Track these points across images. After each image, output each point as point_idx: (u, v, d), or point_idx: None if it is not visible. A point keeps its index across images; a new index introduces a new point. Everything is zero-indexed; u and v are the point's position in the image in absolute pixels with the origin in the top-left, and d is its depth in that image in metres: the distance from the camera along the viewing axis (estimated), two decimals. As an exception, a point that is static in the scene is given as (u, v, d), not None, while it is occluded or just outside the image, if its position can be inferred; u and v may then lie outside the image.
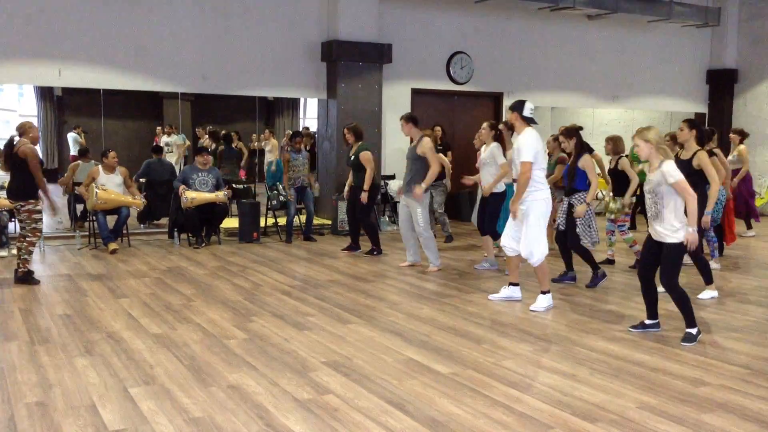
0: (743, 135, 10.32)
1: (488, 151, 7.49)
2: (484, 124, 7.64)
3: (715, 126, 14.21)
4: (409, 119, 7.90)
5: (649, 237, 5.22)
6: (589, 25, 12.93)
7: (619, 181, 7.74)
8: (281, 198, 9.99)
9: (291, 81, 10.85)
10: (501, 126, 7.65)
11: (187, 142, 13.39)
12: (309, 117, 15.61)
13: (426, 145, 7.71)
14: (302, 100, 15.71)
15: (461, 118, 12.40)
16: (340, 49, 10.59)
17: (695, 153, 6.50)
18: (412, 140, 8.09)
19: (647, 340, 5.19)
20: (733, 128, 10.89)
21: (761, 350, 4.98)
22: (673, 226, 4.99)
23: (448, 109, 12.26)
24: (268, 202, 10.25)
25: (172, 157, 12.45)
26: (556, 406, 3.89)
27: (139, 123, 14.50)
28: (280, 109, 16.18)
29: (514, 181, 6.24)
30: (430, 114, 11.82)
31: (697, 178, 6.34)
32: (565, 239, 7.11)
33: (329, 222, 10.80)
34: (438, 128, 11.54)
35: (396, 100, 11.49)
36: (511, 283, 6.48)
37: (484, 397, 4.02)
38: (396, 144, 11.35)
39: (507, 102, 12.58)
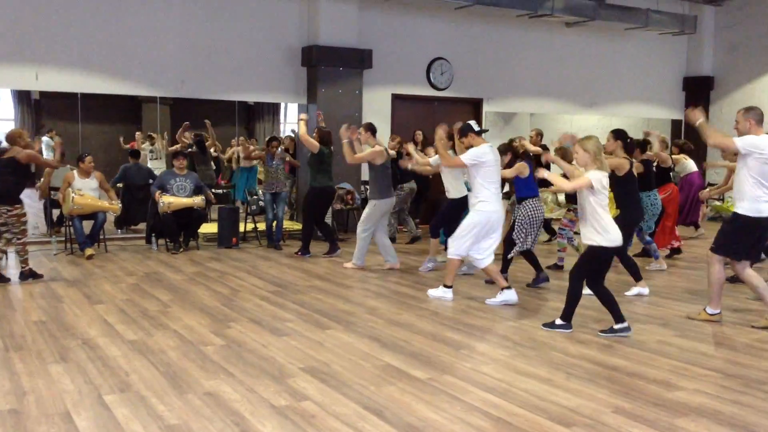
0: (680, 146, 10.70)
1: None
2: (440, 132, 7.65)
3: (691, 132, 14.40)
4: (368, 128, 8.26)
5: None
6: (568, 33, 13.05)
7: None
8: (260, 203, 9.96)
9: (271, 86, 10.84)
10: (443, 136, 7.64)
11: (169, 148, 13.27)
12: (289, 122, 15.57)
13: (366, 150, 8.05)
14: (283, 105, 15.68)
15: (441, 124, 12.41)
16: (320, 55, 10.60)
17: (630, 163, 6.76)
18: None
19: (623, 345, 5.23)
20: (674, 140, 11.18)
21: (732, 354, 5.04)
22: (593, 230, 5.25)
23: (429, 115, 12.29)
24: (246, 208, 10.22)
25: (158, 164, 12.34)
26: (533, 411, 3.91)
27: (117, 127, 14.37)
28: (261, 113, 16.12)
29: (469, 190, 6.63)
30: (410, 119, 11.87)
31: (631, 186, 6.73)
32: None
33: (298, 227, 10.75)
34: (419, 132, 11.60)
35: (376, 105, 11.51)
36: (503, 288, 6.52)
37: (462, 403, 4.04)
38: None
39: (487, 108, 12.69)
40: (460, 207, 7.55)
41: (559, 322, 5.56)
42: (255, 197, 10.37)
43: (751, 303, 6.60)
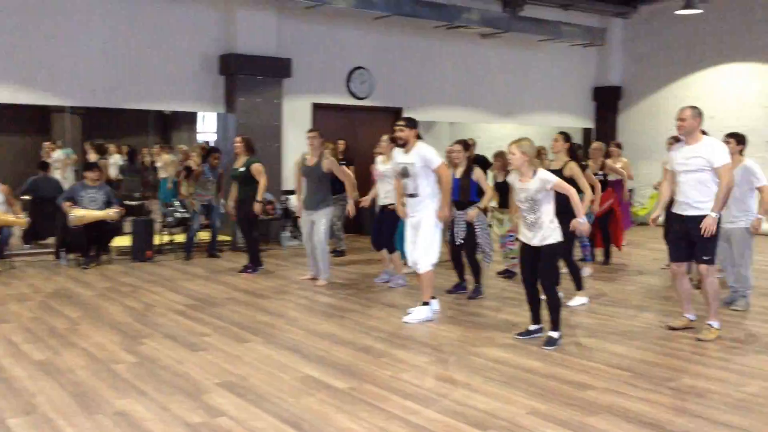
0: (621, 147, 11.06)
1: (391, 164, 7.51)
2: (384, 137, 7.71)
3: (601, 140, 14.94)
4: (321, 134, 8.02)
5: (526, 246, 5.43)
6: (484, 44, 13.35)
7: (505, 194, 7.99)
8: (177, 215, 9.72)
9: (187, 94, 10.61)
10: (385, 140, 7.68)
11: (73, 157, 12.79)
12: (207, 131, 15.30)
13: (331, 159, 7.85)
14: (200, 114, 15.39)
15: (362, 133, 12.46)
16: (238, 63, 10.46)
17: (566, 163, 6.68)
18: (309, 157, 7.98)
19: (539, 347, 5.35)
20: (614, 142, 11.48)
21: (642, 353, 5.24)
22: (549, 228, 5.26)
23: (349, 124, 12.31)
24: (163, 219, 9.95)
25: (57, 173, 11.88)
26: (451, 416, 3.95)
27: (25, 138, 13.78)
28: (177, 123, 15.77)
29: (411, 195, 6.28)
30: (330, 128, 11.80)
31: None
32: (459, 252, 7.24)
33: (229, 239, 10.59)
34: (342, 142, 11.58)
35: (296, 114, 11.43)
36: (423, 302, 6.29)
37: (381, 411, 4.03)
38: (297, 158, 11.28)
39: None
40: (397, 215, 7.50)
41: (555, 335, 5.39)
42: (171, 209, 10.10)
43: (662, 303, 6.90)
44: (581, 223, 5.36)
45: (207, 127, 15.14)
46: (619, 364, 4.96)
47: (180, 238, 10.09)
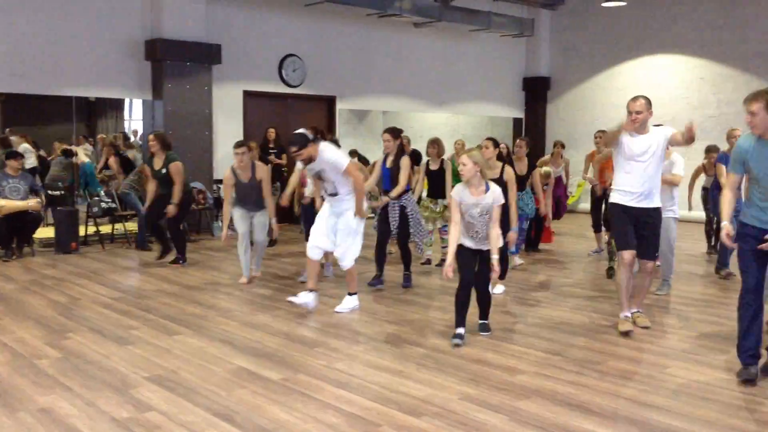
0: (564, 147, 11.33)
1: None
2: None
3: (530, 130, 15.31)
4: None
5: (467, 250, 5.22)
6: (416, 33, 13.40)
7: (438, 182, 8.07)
8: (103, 205, 9.43)
9: (112, 80, 10.26)
10: None
11: None
12: (134, 119, 14.85)
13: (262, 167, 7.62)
14: (127, 101, 14.91)
15: (295, 121, 12.32)
16: (165, 48, 10.19)
17: (502, 168, 6.66)
18: (240, 173, 7.69)
19: (470, 334, 5.42)
20: (556, 141, 11.76)
21: (570, 338, 5.39)
22: (492, 238, 5.21)
23: (282, 112, 12.18)
24: (88, 209, 9.63)
25: None
26: (384, 404, 3.97)
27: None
28: (103, 110, 15.23)
29: (332, 194, 6.08)
30: (263, 116, 11.70)
31: (505, 193, 6.82)
32: (385, 243, 7.22)
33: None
34: (272, 130, 11.46)
35: (227, 102, 11.24)
36: (310, 290, 6.11)
37: (315, 401, 4.02)
38: (228, 147, 11.05)
39: (340, 105, 12.75)
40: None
41: (488, 322, 5.50)
42: (97, 198, 9.79)
43: (592, 290, 7.13)
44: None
45: (134, 115, 14.71)
46: (548, 348, 5.09)
47: (106, 228, 9.80)
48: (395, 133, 7.24)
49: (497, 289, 6.88)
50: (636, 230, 5.44)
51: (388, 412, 3.86)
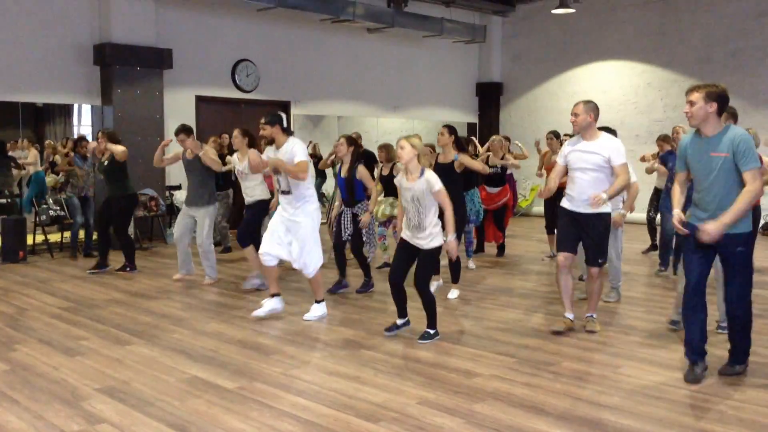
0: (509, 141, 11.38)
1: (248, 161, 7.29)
2: (236, 131, 7.26)
3: (484, 135, 15.44)
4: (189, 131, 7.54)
5: (405, 244, 5.35)
6: (370, 38, 13.43)
7: (391, 187, 8.08)
8: (51, 213, 9.19)
9: (60, 86, 10.03)
10: (236, 135, 7.23)
11: None
12: (84, 124, 14.52)
13: (210, 153, 7.49)
14: (76, 107, 14.58)
15: (249, 126, 12.14)
16: (114, 53, 10.00)
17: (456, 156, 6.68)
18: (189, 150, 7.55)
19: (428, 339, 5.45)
20: (503, 136, 11.85)
21: (524, 339, 5.45)
22: (431, 233, 5.23)
23: (235, 117, 12.03)
24: (36, 218, 9.38)
25: None
26: (341, 410, 3.95)
27: None
28: (51, 116, 14.86)
29: (284, 192, 5.98)
30: (216, 122, 11.55)
31: (460, 183, 6.76)
32: (342, 248, 7.15)
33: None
34: (225, 136, 11.31)
35: (179, 107, 11.07)
36: (272, 294, 6.12)
37: (271, 409, 3.98)
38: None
39: (295, 111, 12.69)
40: (264, 207, 7.32)
41: (431, 331, 5.40)
42: (45, 206, 9.54)
43: (546, 293, 7.22)
44: (450, 241, 5.29)
45: (84, 120, 14.39)
46: (503, 350, 5.14)
47: (55, 237, 9.56)
48: (350, 140, 7.17)
49: (451, 293, 6.91)
50: (581, 236, 5.48)
51: (345, 418, 3.85)
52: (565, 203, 5.52)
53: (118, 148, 8.02)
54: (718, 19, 12.69)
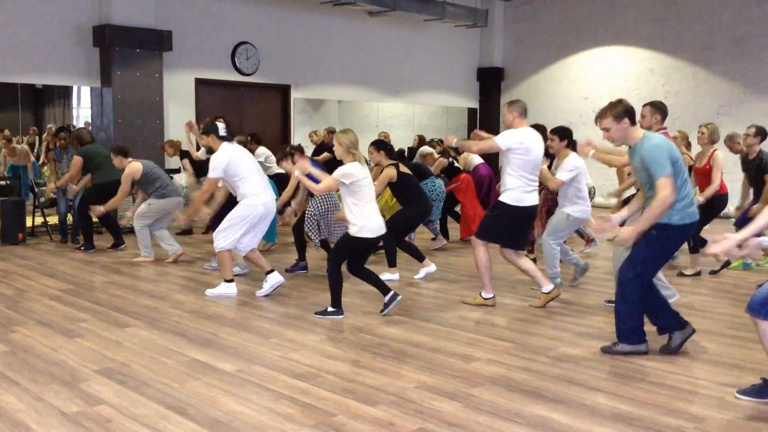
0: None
1: None
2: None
3: (485, 120, 15.43)
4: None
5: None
6: (371, 22, 13.36)
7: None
8: (51, 195, 9.18)
9: (59, 67, 9.98)
10: None
11: None
12: (83, 107, 14.47)
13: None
14: (75, 89, 14.53)
15: (248, 110, 12.21)
16: (113, 35, 9.94)
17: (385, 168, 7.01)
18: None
19: (426, 322, 5.47)
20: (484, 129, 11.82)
21: (523, 325, 5.47)
22: (353, 221, 5.42)
23: (235, 100, 12.02)
24: (35, 200, 9.37)
25: None
26: (340, 393, 3.97)
27: None
28: (50, 98, 14.81)
29: None
30: (215, 105, 11.52)
31: (408, 185, 6.94)
32: (300, 229, 7.29)
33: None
34: (221, 119, 11.26)
35: (179, 89, 11.04)
36: (267, 272, 6.35)
37: (270, 392, 3.99)
38: (179, 135, 10.89)
39: (295, 94, 12.66)
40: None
41: (330, 309, 5.60)
42: (44, 188, 9.52)
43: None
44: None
45: (83, 103, 14.34)
46: (501, 335, 5.15)
47: (54, 219, 9.55)
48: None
49: (386, 275, 6.83)
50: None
51: (343, 401, 3.86)
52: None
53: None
54: (721, 5, 12.62)
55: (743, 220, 7.12)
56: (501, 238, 5.87)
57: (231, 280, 6.35)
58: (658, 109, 5.85)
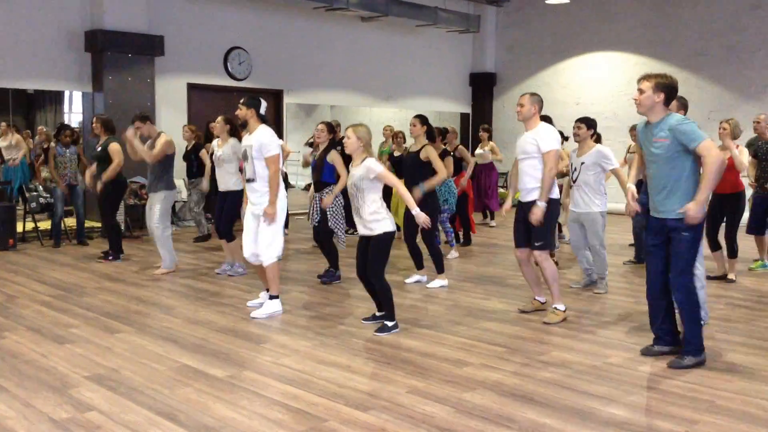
0: (490, 132, 11.47)
1: (227, 147, 7.24)
2: (219, 118, 7.38)
3: (477, 125, 15.42)
4: (141, 118, 7.57)
5: (361, 237, 5.36)
6: (363, 27, 13.37)
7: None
8: (41, 200, 9.13)
9: (50, 72, 9.95)
10: (219, 121, 7.34)
11: None
12: (75, 111, 14.42)
13: (162, 140, 7.38)
14: (67, 94, 14.49)
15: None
16: (105, 40, 9.92)
17: (423, 146, 6.79)
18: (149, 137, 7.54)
19: (418, 327, 5.46)
20: (482, 126, 11.87)
21: (516, 329, 5.46)
22: (374, 219, 5.17)
23: (227, 106, 11.92)
24: (25, 205, 9.32)
25: None
26: (332, 399, 3.95)
27: None
28: (42, 103, 14.75)
29: (249, 180, 5.82)
30: (207, 110, 11.47)
31: (425, 170, 6.70)
32: (320, 235, 7.09)
33: (99, 224, 10.06)
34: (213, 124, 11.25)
35: (171, 94, 11.02)
36: (271, 296, 5.89)
37: (261, 398, 3.98)
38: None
39: (287, 99, 12.65)
40: (240, 199, 7.06)
41: (390, 324, 5.31)
42: (35, 194, 9.48)
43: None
44: (417, 215, 5.24)
45: (75, 108, 14.29)
46: (493, 340, 5.15)
47: (45, 224, 9.51)
48: (330, 126, 7.27)
49: (432, 283, 6.91)
50: (527, 222, 5.54)
51: (335, 407, 3.85)
52: (519, 197, 5.71)
53: (117, 149, 7.94)
54: (713, 11, 12.69)
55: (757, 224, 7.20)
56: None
57: (276, 296, 5.86)
58: (682, 105, 5.90)
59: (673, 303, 4.66)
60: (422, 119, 6.93)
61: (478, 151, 11.25)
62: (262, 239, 5.77)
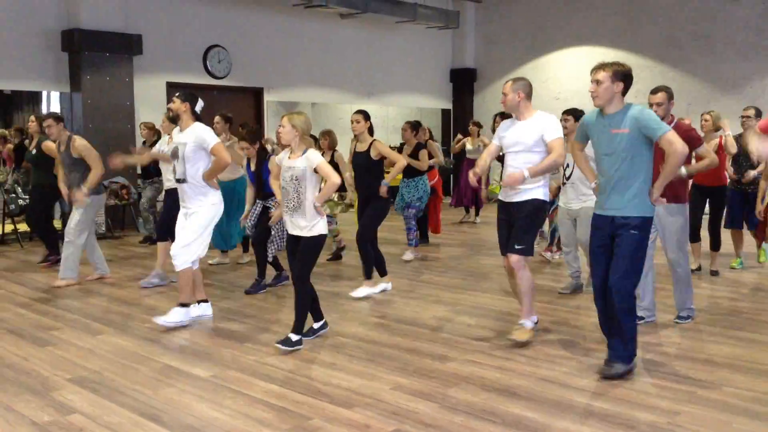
0: (480, 126, 11.47)
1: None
2: (217, 117, 7.21)
3: (459, 121, 15.49)
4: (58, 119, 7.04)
5: (290, 238, 4.94)
6: (342, 24, 13.34)
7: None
8: (20, 202, 9.03)
9: (27, 72, 9.83)
10: (218, 121, 7.17)
11: None
12: (53, 112, 14.26)
13: (79, 144, 6.88)
14: (45, 94, 14.33)
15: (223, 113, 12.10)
16: (82, 39, 9.81)
17: (371, 143, 6.36)
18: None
19: (402, 323, 5.48)
20: (472, 120, 11.92)
21: (497, 324, 5.49)
22: (313, 219, 4.79)
23: (207, 104, 11.84)
24: (4, 207, 9.21)
25: None
26: (315, 396, 3.96)
27: None
28: (19, 103, 14.58)
29: (179, 180, 5.43)
30: (187, 109, 11.40)
31: (379, 169, 6.37)
32: (259, 242, 6.61)
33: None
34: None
35: (150, 93, 10.92)
36: (199, 300, 5.65)
37: (245, 397, 3.97)
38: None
39: (268, 97, 12.60)
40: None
41: (294, 338, 4.81)
42: (14, 195, 9.37)
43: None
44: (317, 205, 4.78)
45: (53, 108, 14.14)
46: (477, 335, 5.17)
47: (24, 227, 9.40)
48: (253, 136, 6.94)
49: (358, 292, 6.38)
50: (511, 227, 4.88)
51: (319, 404, 3.85)
52: (500, 195, 5.03)
53: (50, 147, 7.53)
54: (685, 3, 12.81)
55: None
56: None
57: (186, 305, 5.48)
58: (669, 95, 5.62)
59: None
60: (365, 114, 6.43)
61: (468, 147, 11.28)
62: (181, 237, 5.39)
